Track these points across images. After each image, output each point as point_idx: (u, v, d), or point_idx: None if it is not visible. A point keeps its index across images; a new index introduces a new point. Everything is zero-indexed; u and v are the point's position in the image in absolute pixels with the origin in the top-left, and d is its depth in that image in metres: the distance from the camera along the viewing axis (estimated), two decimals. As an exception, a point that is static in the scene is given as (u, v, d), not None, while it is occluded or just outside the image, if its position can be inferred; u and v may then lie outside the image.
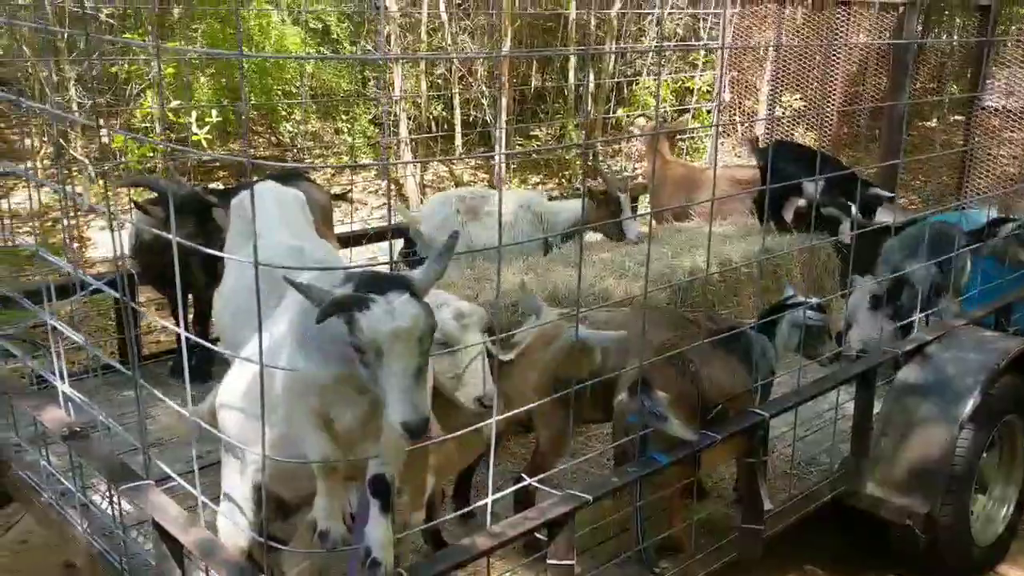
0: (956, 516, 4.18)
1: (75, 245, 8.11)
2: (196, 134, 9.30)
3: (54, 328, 3.36)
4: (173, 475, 2.84)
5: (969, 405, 4.07)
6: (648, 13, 11.91)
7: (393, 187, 11.17)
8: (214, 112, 9.73)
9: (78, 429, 3.28)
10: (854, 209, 5.28)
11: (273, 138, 12.56)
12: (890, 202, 5.62)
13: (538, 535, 2.89)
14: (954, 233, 4.98)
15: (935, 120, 12.88)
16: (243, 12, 11.07)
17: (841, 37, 7.38)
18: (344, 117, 11.85)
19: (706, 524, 3.69)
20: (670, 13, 11.67)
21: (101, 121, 5.76)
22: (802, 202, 5.96)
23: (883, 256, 5.35)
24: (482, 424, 2.78)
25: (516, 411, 3.15)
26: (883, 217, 5.54)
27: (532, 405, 3.33)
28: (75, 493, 3.51)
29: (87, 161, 9.63)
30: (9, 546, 4.70)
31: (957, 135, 11.50)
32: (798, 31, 7.76)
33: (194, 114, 9.50)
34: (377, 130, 11.89)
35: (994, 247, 5.22)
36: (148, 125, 10.33)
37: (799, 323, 3.88)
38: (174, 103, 9.55)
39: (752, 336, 3.88)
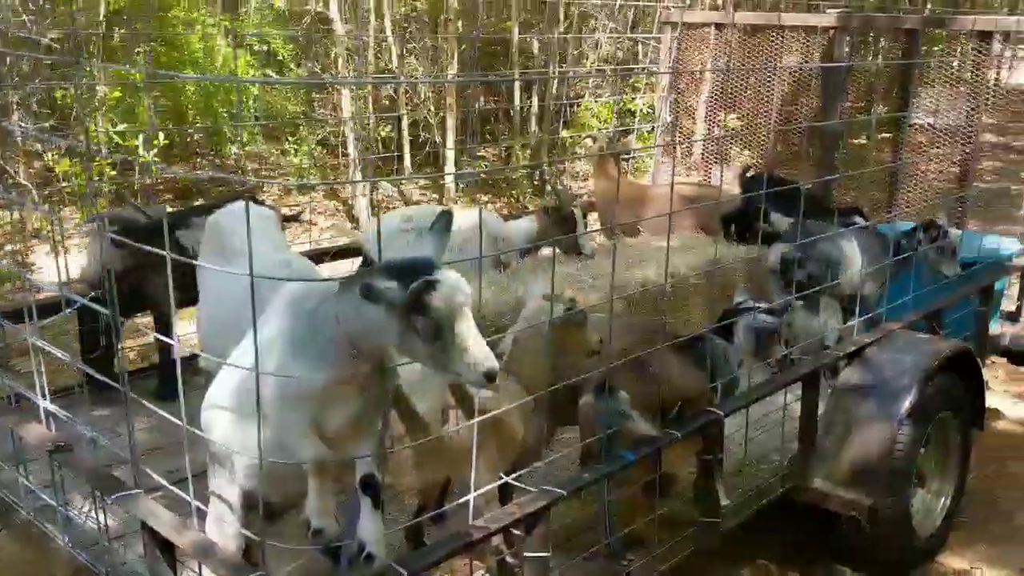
0: (898, 508, 4.45)
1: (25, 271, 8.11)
2: (144, 156, 9.32)
3: (34, 346, 3.44)
4: (163, 483, 2.95)
5: (907, 403, 4.35)
6: (589, 37, 12.22)
7: (342, 207, 11.29)
8: (160, 135, 9.76)
9: (62, 444, 3.36)
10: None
11: (217, 160, 12.59)
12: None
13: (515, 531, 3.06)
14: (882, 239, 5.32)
15: (865, 138, 13.42)
16: (187, 35, 11.15)
17: (775, 60, 7.72)
18: (291, 139, 11.93)
19: (667, 519, 3.89)
20: (610, 36, 12.00)
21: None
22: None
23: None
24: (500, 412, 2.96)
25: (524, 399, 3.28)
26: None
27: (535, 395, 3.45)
28: (57, 508, 3.59)
29: (30, 186, 9.58)
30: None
31: (886, 152, 12.02)
32: (733, 54, 8.09)
33: (141, 136, 9.52)
34: (324, 151, 12.01)
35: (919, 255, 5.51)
36: (95, 148, 10.27)
37: (752, 327, 4.13)
38: (121, 126, 9.55)
39: (710, 341, 4.11)
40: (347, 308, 2.50)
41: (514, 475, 3.23)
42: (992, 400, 5.49)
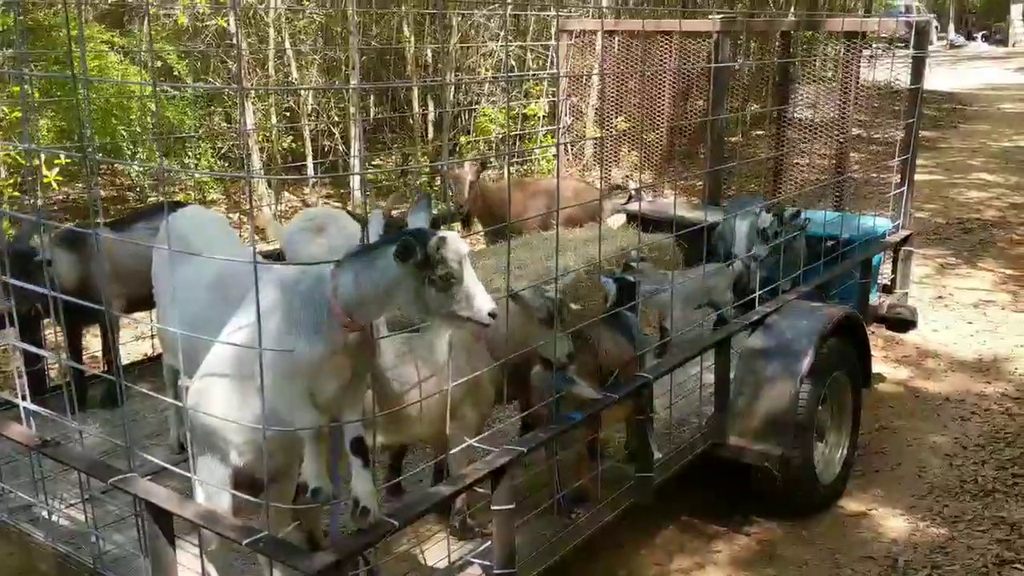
0: (803, 458, 4.98)
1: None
2: (47, 175, 9.25)
3: (15, 349, 3.62)
4: (161, 463, 3.20)
5: (806, 362, 4.88)
6: (482, 46, 12.64)
7: (245, 219, 11.38)
8: (61, 154, 9.68)
9: (48, 439, 3.55)
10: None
11: (117, 179, 12.49)
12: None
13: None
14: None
15: (740, 134, 14.27)
16: (77, 54, 11.04)
17: (662, 62, 8.26)
18: (190, 154, 11.94)
19: (605, 477, 4.31)
20: (502, 46, 12.45)
21: None
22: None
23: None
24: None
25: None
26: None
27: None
28: (39, 505, 3.76)
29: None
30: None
31: (759, 148, 12.83)
32: (622, 59, 8.59)
33: (42, 156, 9.43)
34: (225, 164, 12.07)
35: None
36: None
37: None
38: (21, 146, 9.44)
39: (628, 316, 4.58)
40: (347, 280, 2.83)
41: (478, 436, 3.60)
42: (873, 365, 6.09)
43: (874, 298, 6.79)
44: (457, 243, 2.84)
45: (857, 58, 7.00)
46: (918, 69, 6.72)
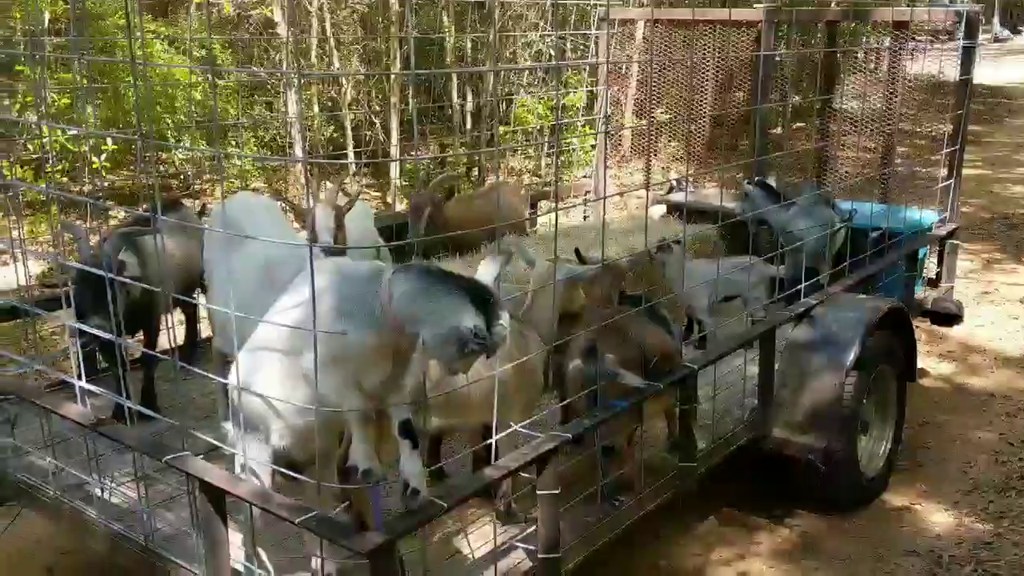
0: (847, 450, 4.95)
1: None
2: (95, 162, 9.41)
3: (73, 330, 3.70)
4: (218, 444, 3.26)
5: (852, 354, 4.84)
6: (525, 36, 12.64)
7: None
8: (109, 140, 9.83)
9: (104, 418, 3.63)
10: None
11: (162, 167, 12.64)
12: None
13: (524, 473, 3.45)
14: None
15: (780, 127, 14.15)
16: (124, 42, 11.20)
17: (707, 52, 8.22)
18: (233, 142, 12.07)
19: (648, 467, 4.31)
20: (544, 35, 12.44)
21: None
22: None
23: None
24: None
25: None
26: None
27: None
28: (93, 483, 3.84)
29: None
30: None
31: (800, 140, 12.70)
32: (660, 48, 8.56)
33: (90, 142, 9.58)
34: (268, 152, 12.19)
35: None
36: (42, 155, 10.30)
37: None
38: (71, 131, 9.60)
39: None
40: (407, 295, 2.87)
41: (524, 421, 3.62)
42: (918, 360, 6.03)
43: (919, 292, 6.72)
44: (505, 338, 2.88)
45: (903, 49, 6.91)
46: (967, 60, 6.62)
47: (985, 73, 25.42)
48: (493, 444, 3.32)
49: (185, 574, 3.45)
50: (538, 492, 3.41)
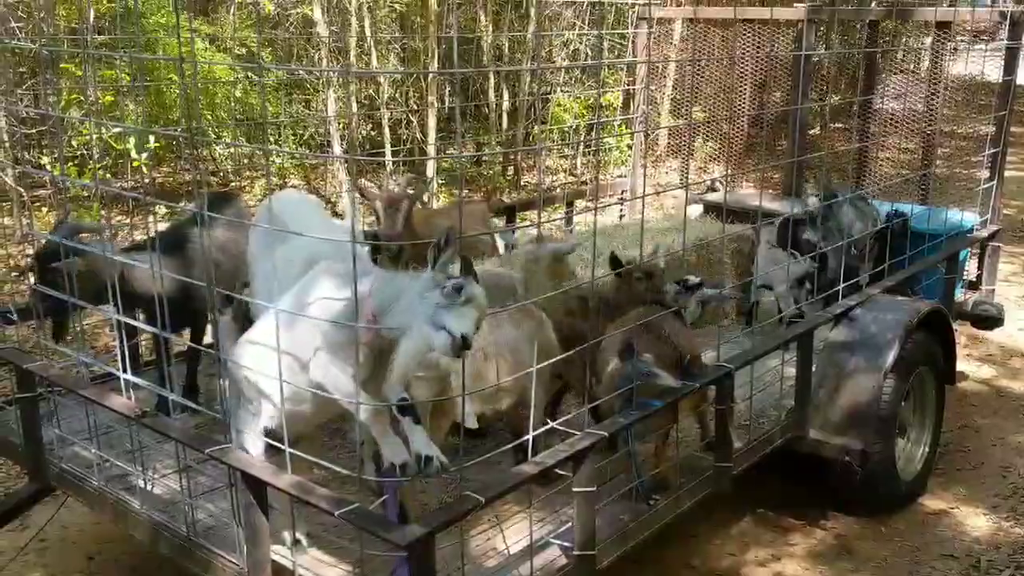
0: (885, 453, 4.92)
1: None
2: (136, 159, 9.54)
3: (118, 323, 3.77)
4: (261, 437, 3.31)
5: (891, 356, 4.81)
6: (562, 34, 12.65)
7: (327, 204, 11.58)
8: (151, 138, 9.96)
9: (147, 410, 3.70)
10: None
11: (201, 163, 12.79)
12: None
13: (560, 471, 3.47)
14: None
15: (819, 128, 14.04)
16: (166, 40, 11.36)
17: (747, 51, 8.17)
18: (272, 140, 12.19)
19: (684, 466, 4.32)
20: (581, 34, 12.43)
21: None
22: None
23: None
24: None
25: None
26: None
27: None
28: (136, 473, 3.92)
29: (22, 190, 9.76)
30: (31, 545, 4.99)
31: (838, 141, 12.58)
32: (704, 47, 8.52)
33: (132, 139, 9.72)
34: (306, 150, 12.30)
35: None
36: (85, 152, 10.49)
37: (702, 299, 4.67)
38: (115, 128, 9.75)
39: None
40: (379, 288, 2.98)
41: (559, 420, 3.64)
42: (957, 363, 5.97)
43: (959, 294, 6.65)
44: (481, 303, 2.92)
45: (946, 50, 6.84)
46: (1011, 61, 6.54)
47: (1028, 73, 25.00)
48: (530, 440, 3.34)
49: (226, 564, 3.50)
50: (574, 490, 3.43)
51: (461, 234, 3.07)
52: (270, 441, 3.28)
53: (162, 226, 5.76)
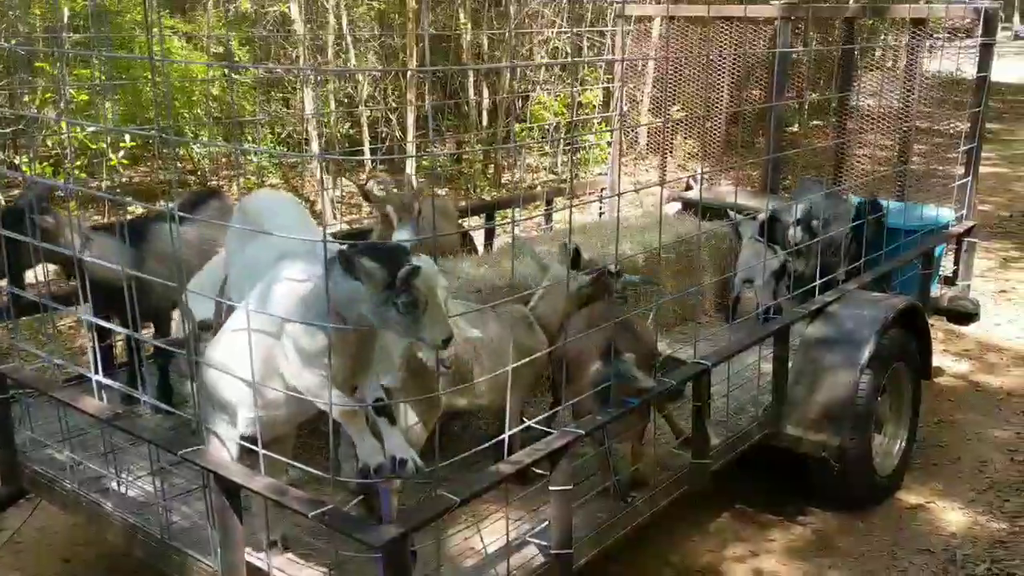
0: (861, 449, 4.94)
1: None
2: (112, 158, 9.47)
3: (89, 324, 3.74)
4: (225, 440, 3.28)
5: (867, 352, 4.83)
6: (541, 32, 12.65)
7: (306, 204, 11.53)
8: (127, 137, 9.88)
9: (120, 412, 3.66)
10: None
11: (179, 163, 12.70)
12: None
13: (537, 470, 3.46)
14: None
15: (797, 125, 14.10)
16: (142, 39, 11.27)
17: (721, 50, 8.18)
18: (250, 139, 12.12)
19: (661, 463, 4.32)
20: (560, 32, 12.43)
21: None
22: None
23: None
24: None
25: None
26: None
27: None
28: (110, 476, 3.88)
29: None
30: (5, 548, 4.94)
31: (817, 138, 12.65)
32: (683, 45, 8.52)
33: (108, 139, 9.64)
34: (284, 149, 12.24)
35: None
36: (60, 151, 10.40)
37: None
38: (90, 128, 9.67)
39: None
40: (333, 279, 2.88)
41: (537, 418, 3.63)
42: (934, 358, 6.01)
43: (935, 290, 6.69)
44: (429, 273, 2.85)
45: (921, 46, 6.87)
46: (986, 57, 6.57)
47: (1005, 72, 25.24)
48: (505, 440, 3.33)
49: (201, 567, 3.48)
50: (551, 488, 3.42)
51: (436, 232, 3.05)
52: (244, 443, 3.26)
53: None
